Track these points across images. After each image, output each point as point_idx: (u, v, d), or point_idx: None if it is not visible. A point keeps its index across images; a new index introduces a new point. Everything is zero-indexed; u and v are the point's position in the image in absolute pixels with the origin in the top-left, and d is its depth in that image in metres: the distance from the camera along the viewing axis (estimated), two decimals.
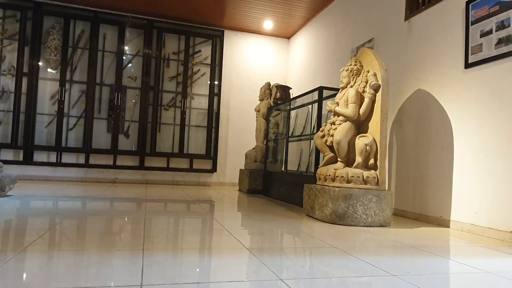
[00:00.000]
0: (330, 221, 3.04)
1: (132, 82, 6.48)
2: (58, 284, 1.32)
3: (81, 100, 6.23)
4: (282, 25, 6.75)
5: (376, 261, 1.88)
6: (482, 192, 2.90)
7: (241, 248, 2.03)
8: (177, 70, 6.72)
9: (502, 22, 2.82)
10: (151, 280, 1.39)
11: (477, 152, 2.98)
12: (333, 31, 5.60)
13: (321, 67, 5.91)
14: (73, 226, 2.43)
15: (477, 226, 2.91)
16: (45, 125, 6.08)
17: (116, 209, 3.47)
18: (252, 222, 3.00)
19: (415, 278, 1.63)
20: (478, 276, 1.75)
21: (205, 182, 6.82)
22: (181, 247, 2.08)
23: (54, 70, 6.13)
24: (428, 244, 2.43)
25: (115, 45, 6.40)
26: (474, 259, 2.07)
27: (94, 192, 4.59)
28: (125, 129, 6.42)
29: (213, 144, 6.80)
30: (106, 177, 6.32)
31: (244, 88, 7.09)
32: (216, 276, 1.54)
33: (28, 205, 3.29)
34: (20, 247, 1.79)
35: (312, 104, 4.64)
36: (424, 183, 3.51)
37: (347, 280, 1.57)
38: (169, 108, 6.65)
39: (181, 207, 3.79)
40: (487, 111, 2.92)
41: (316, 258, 1.94)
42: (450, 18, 3.35)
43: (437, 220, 3.30)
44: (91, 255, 1.72)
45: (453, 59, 3.28)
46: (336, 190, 3.04)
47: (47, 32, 6.10)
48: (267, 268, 1.64)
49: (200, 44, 6.86)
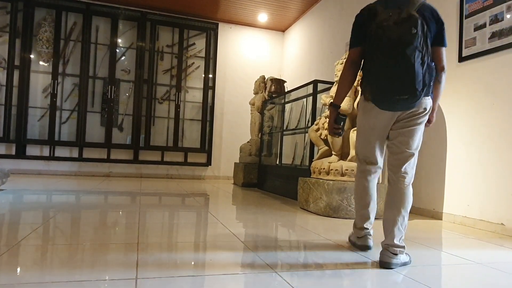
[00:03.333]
0: (324, 214, 3.06)
1: (126, 75, 6.42)
2: (52, 278, 1.31)
3: (74, 93, 6.16)
4: (276, 18, 6.72)
5: (370, 253, 1.89)
6: (474, 184, 2.94)
7: (236, 241, 2.04)
8: (171, 63, 6.66)
9: (496, 16, 2.83)
10: (146, 274, 1.39)
11: (469, 145, 3.01)
12: (328, 24, 5.58)
13: (316, 60, 5.90)
14: (67, 220, 2.42)
15: (469, 218, 2.95)
16: (38, 118, 6.01)
17: (111, 203, 3.46)
18: (246, 216, 3.01)
19: (408, 269, 1.65)
20: (470, 267, 1.78)
21: (200, 175, 6.81)
22: (175, 240, 2.08)
23: (46, 63, 6.05)
24: (420, 236, 2.46)
25: (108, 37, 6.32)
26: (466, 251, 2.10)
27: (88, 186, 4.57)
28: (119, 122, 6.37)
29: (208, 138, 6.78)
30: (100, 171, 6.29)
31: (239, 82, 7.06)
32: (211, 269, 1.55)
33: (21, 199, 3.27)
34: (13, 242, 1.78)
35: (306, 97, 4.64)
36: (417, 176, 3.52)
37: (341, 272, 1.59)
38: (163, 101, 6.61)
39: (176, 201, 3.78)
40: (479, 104, 2.95)
41: (310, 251, 1.95)
42: (444, 12, 3.35)
43: (430, 212, 3.34)
44: (85, 249, 1.72)
45: (447, 53, 3.27)
46: (330, 183, 3.06)
47: (38, 24, 6.01)
48: (262, 260, 1.66)
49: (194, 37, 6.81)
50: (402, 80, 1.59)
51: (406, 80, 1.58)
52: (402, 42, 1.57)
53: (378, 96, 1.69)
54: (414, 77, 1.57)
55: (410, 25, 1.57)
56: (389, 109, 1.70)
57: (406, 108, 1.67)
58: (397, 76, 1.60)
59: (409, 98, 1.60)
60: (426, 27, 1.63)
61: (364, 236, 1.97)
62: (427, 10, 1.71)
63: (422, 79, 1.59)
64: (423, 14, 1.66)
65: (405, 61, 1.57)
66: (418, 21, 1.58)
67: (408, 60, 1.56)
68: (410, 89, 1.58)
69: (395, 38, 1.58)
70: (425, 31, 1.62)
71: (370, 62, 1.72)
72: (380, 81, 1.66)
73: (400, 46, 1.57)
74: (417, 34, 1.57)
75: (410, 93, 1.59)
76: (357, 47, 1.82)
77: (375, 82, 1.69)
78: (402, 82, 1.59)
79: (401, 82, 1.59)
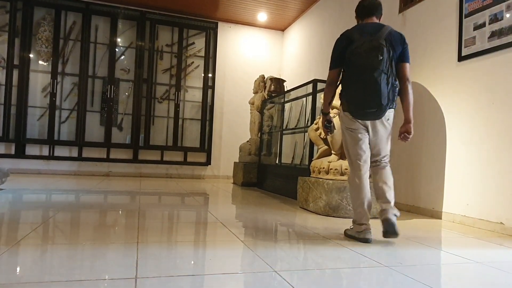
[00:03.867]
0: (324, 213, 3.06)
1: (125, 75, 6.42)
2: (52, 277, 1.31)
3: (73, 93, 6.16)
4: (276, 17, 6.71)
5: (369, 253, 1.90)
6: (474, 184, 2.94)
7: (236, 240, 2.04)
8: (171, 62, 6.66)
9: (495, 15, 2.83)
10: (145, 273, 1.39)
11: (469, 144, 3.01)
12: (327, 23, 5.58)
13: (316, 60, 5.90)
14: (67, 220, 2.42)
15: (469, 217, 2.95)
16: (37, 118, 6.01)
17: (110, 202, 3.46)
18: (246, 215, 3.02)
19: (407, 269, 1.65)
20: (469, 266, 1.78)
21: (199, 175, 6.81)
22: (175, 239, 2.08)
23: (45, 62, 6.04)
24: (420, 235, 2.46)
25: (107, 37, 6.31)
26: (465, 250, 2.10)
27: (87, 185, 4.57)
28: (118, 122, 6.37)
29: (207, 137, 6.78)
30: (99, 171, 6.29)
31: (238, 81, 7.06)
32: (211, 269, 1.55)
33: (21, 199, 3.27)
34: (13, 241, 1.78)
35: (306, 97, 4.64)
36: (416, 175, 3.54)
37: (341, 271, 1.59)
38: (162, 101, 6.61)
39: (175, 200, 3.78)
40: (479, 104, 2.95)
41: (310, 250, 1.95)
42: (444, 11, 3.35)
43: (429, 211, 3.34)
44: (85, 249, 1.72)
45: (446, 52, 3.30)
46: (330, 183, 3.06)
47: (37, 23, 6.00)
48: (262, 260, 1.66)
49: (194, 36, 6.80)
50: (371, 97, 2.06)
51: (374, 97, 2.05)
52: (370, 68, 2.03)
53: (353, 109, 2.16)
54: (380, 95, 2.04)
55: (377, 53, 2.03)
56: (362, 119, 2.18)
57: (374, 118, 2.15)
58: (367, 94, 2.07)
59: (377, 111, 2.09)
60: (392, 52, 2.08)
61: (363, 231, 2.17)
62: (394, 36, 2.15)
63: (387, 96, 2.06)
64: (390, 40, 2.10)
65: (373, 83, 2.04)
66: (384, 49, 2.04)
67: (375, 81, 2.03)
68: (377, 104, 2.06)
69: (365, 64, 2.05)
70: (391, 56, 2.07)
71: (347, 81, 2.18)
72: (354, 97, 2.13)
73: (369, 71, 2.04)
74: (383, 60, 2.03)
75: (377, 107, 2.07)
76: (336, 68, 2.25)
77: (350, 98, 2.16)
78: (371, 98, 2.06)
79: (370, 98, 2.06)
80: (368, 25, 2.21)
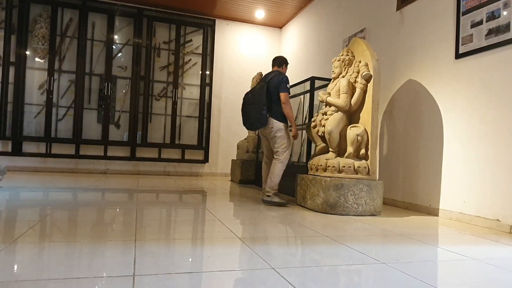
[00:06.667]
0: (322, 211, 3.07)
1: (122, 72, 6.39)
2: (49, 275, 1.31)
3: (70, 90, 6.13)
4: (274, 14, 6.70)
5: (366, 250, 1.91)
6: (470, 181, 2.95)
7: (233, 237, 2.04)
8: (168, 59, 6.64)
9: (493, 12, 2.84)
10: (143, 270, 1.39)
11: (466, 141, 3.03)
12: (325, 20, 5.57)
13: (313, 57, 5.90)
14: (64, 217, 2.41)
15: (465, 214, 2.96)
16: (34, 115, 5.99)
17: (108, 200, 3.45)
18: (244, 212, 3.02)
19: (404, 265, 1.66)
20: (466, 263, 1.79)
21: (197, 172, 6.81)
22: (173, 237, 2.08)
23: (42, 60, 6.01)
24: (417, 232, 2.47)
25: (104, 34, 6.29)
26: (462, 247, 2.11)
27: (85, 183, 4.56)
28: (115, 119, 6.35)
29: (205, 135, 6.77)
30: (97, 168, 6.27)
31: (236, 78, 7.05)
32: (209, 266, 1.55)
33: (18, 197, 3.26)
34: (10, 239, 1.78)
35: (304, 94, 4.64)
36: (413, 172, 3.55)
37: (338, 268, 1.60)
38: (160, 98, 6.59)
39: (173, 198, 3.78)
40: (476, 101, 2.96)
41: (308, 247, 1.96)
42: (441, 8, 3.35)
43: (426, 209, 3.36)
44: (83, 246, 1.72)
45: (444, 50, 3.30)
46: (327, 180, 3.07)
47: (34, 20, 5.97)
48: (259, 257, 1.66)
49: (191, 33, 6.78)
50: (255, 117, 3.47)
51: (257, 117, 3.45)
52: (256, 101, 3.47)
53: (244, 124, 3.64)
54: (261, 117, 3.43)
55: (260, 91, 3.46)
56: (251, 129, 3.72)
57: (256, 129, 3.66)
58: (253, 114, 3.49)
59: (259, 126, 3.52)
60: (272, 89, 3.46)
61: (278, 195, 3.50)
62: (274, 78, 3.50)
63: (264, 118, 3.44)
64: (272, 82, 3.48)
65: (257, 109, 3.44)
66: (264, 89, 3.45)
67: (258, 109, 3.44)
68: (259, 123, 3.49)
69: (255, 97, 3.50)
70: (270, 92, 3.46)
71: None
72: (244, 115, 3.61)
73: (256, 102, 3.46)
74: (263, 96, 3.43)
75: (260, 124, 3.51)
76: None
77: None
78: (255, 118, 3.47)
79: (254, 118, 3.48)
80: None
